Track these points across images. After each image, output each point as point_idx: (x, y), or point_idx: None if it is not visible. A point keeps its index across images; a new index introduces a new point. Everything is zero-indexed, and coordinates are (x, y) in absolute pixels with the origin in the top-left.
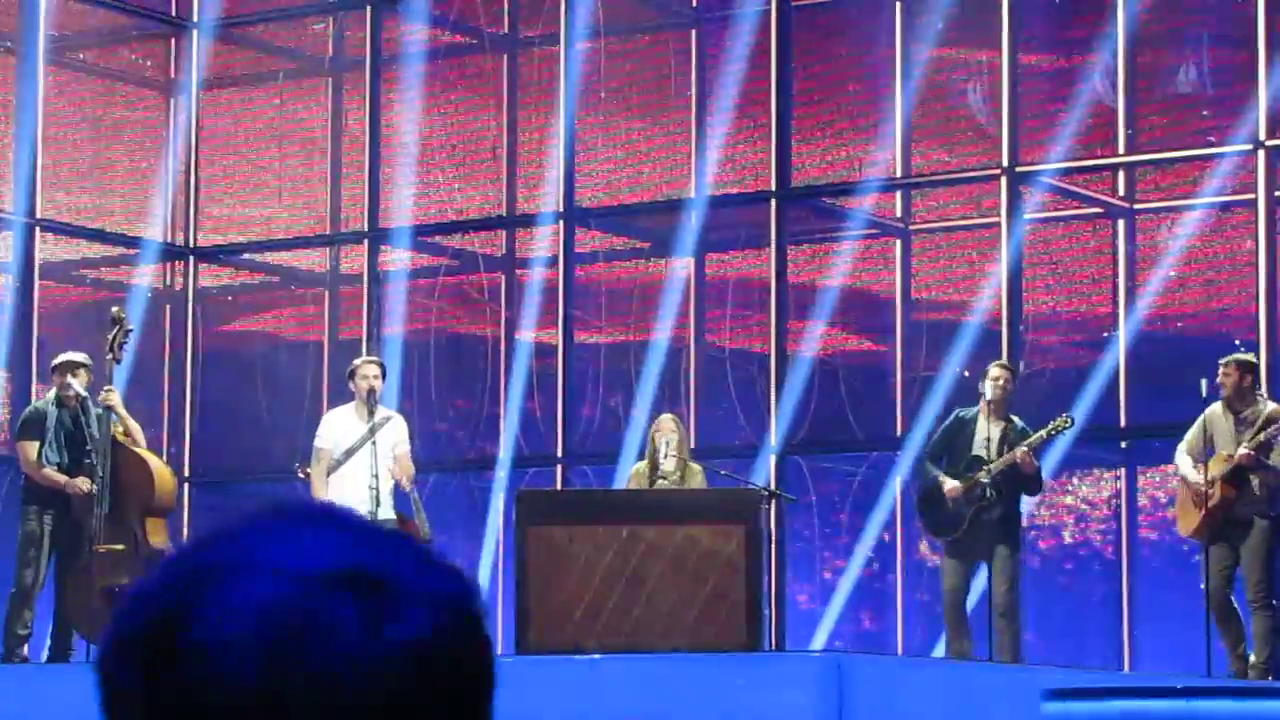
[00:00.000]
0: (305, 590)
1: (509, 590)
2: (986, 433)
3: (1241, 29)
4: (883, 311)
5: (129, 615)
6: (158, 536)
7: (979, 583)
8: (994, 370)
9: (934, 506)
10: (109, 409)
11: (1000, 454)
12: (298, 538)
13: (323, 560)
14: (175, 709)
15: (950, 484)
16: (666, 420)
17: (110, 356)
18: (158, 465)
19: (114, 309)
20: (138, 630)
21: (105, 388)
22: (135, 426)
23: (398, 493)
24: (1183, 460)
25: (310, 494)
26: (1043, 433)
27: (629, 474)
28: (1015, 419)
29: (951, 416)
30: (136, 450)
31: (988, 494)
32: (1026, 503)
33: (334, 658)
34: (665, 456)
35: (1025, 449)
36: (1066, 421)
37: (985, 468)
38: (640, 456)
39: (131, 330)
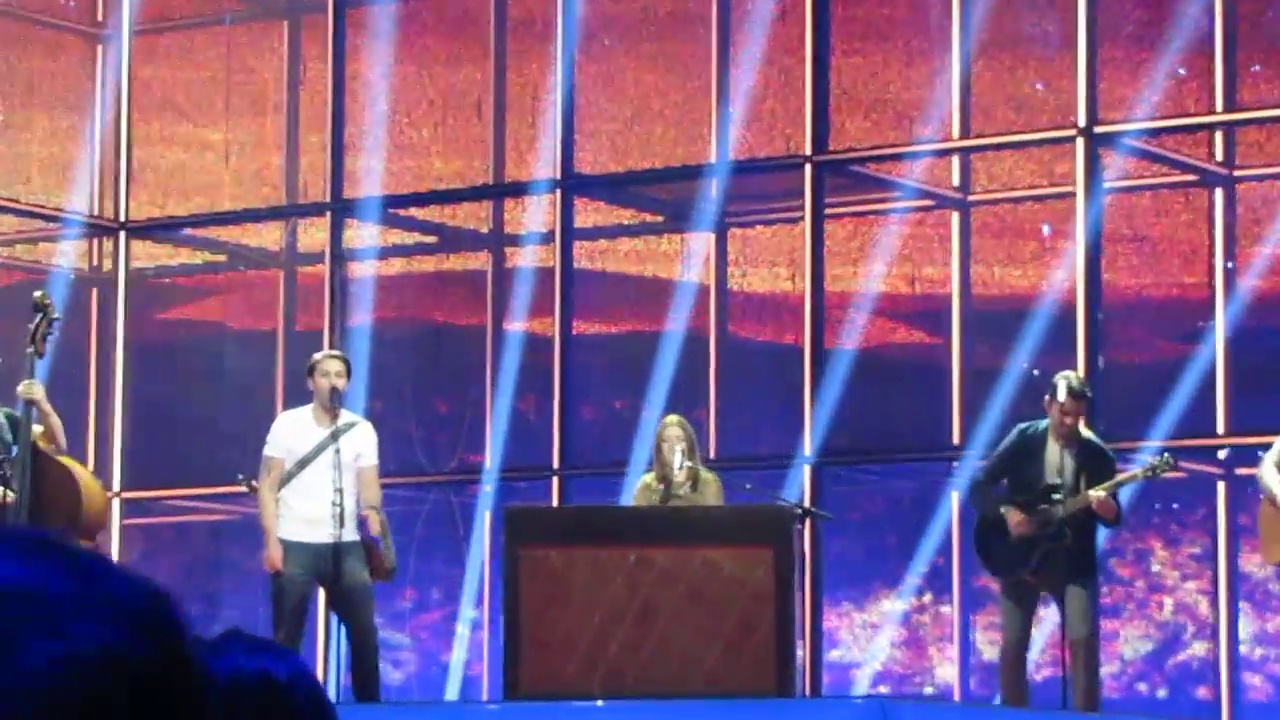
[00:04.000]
0: None
1: (495, 624)
2: (1059, 458)
3: None
4: (937, 297)
5: None
6: None
7: (1042, 626)
8: (1065, 400)
9: (995, 539)
10: (30, 404)
11: (1076, 484)
12: None
13: None
14: None
15: (1016, 517)
16: (671, 424)
17: (32, 350)
18: (85, 479)
19: (36, 294)
20: None
21: (26, 381)
22: (57, 425)
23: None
24: (1270, 475)
25: (260, 512)
26: (1135, 473)
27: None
28: (1092, 437)
29: (1015, 433)
30: (61, 461)
31: (1064, 532)
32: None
33: None
34: (680, 467)
35: (1104, 494)
36: (1165, 463)
37: (1058, 503)
38: (650, 467)
39: (57, 319)
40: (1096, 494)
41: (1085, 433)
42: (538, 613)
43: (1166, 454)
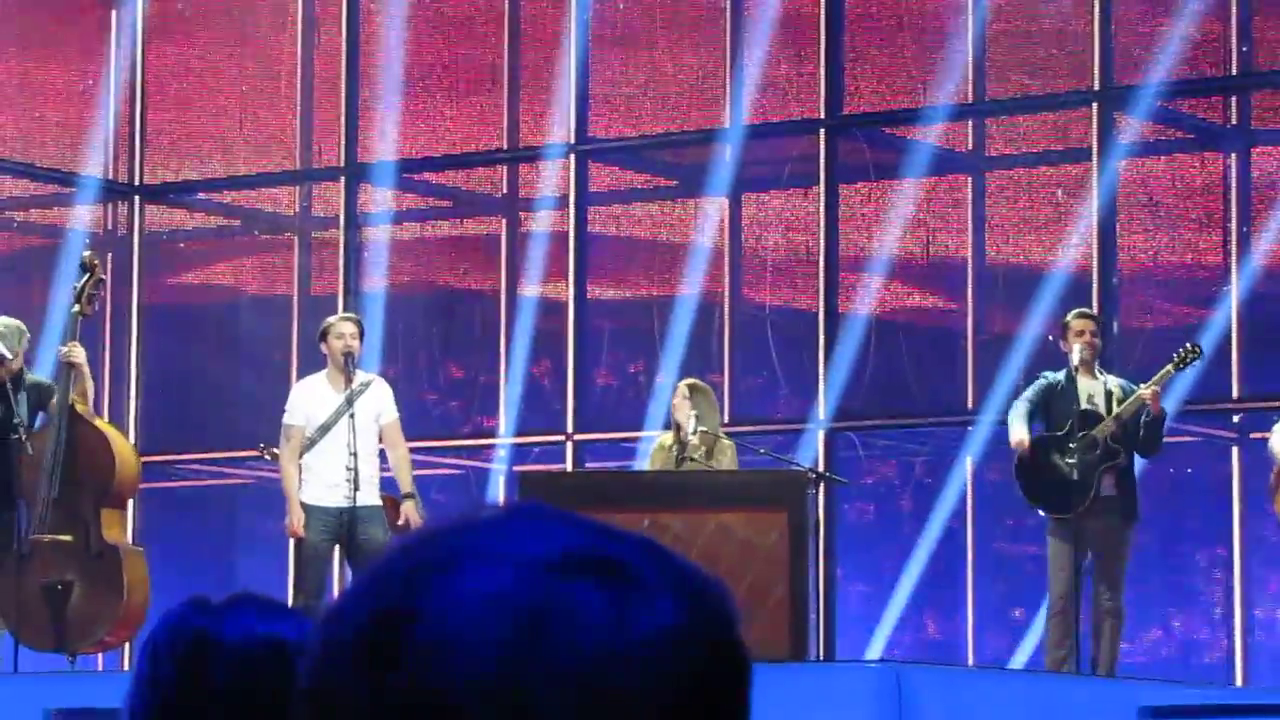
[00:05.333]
0: (541, 578)
1: None
2: (1089, 390)
3: None
4: (951, 262)
5: (341, 617)
6: (113, 530)
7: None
8: (1075, 323)
9: (1042, 474)
10: (71, 366)
11: (1108, 407)
12: (520, 527)
13: (555, 546)
14: (404, 711)
15: (1018, 436)
16: (683, 387)
17: (77, 309)
18: (120, 444)
19: (85, 253)
20: (356, 632)
21: (70, 343)
22: (90, 387)
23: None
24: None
25: (281, 478)
26: (1169, 368)
27: (651, 450)
28: (1113, 376)
29: (1039, 379)
30: (97, 425)
31: (1118, 455)
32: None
33: (580, 650)
34: (693, 431)
35: (1154, 387)
36: (1194, 351)
37: (1097, 425)
38: (668, 425)
39: (104, 280)
40: (1148, 387)
41: (1111, 375)
42: None
43: (1192, 343)
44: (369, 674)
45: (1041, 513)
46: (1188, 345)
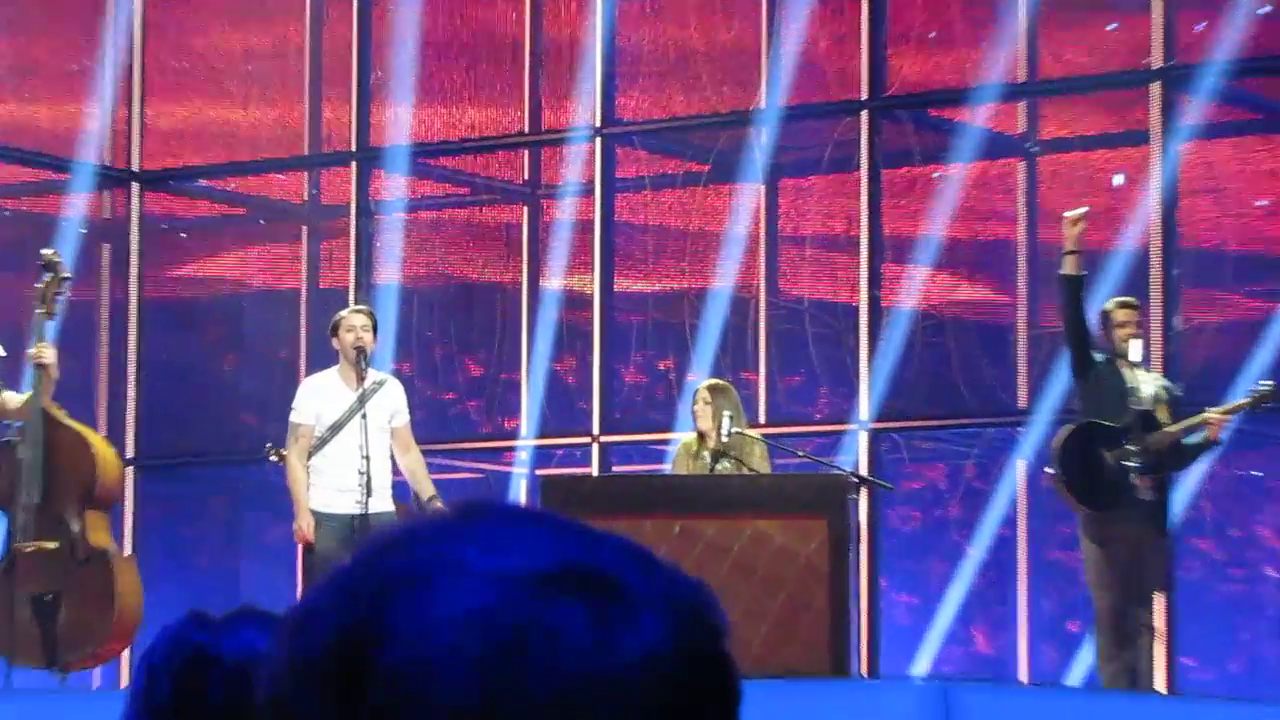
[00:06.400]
0: (521, 593)
1: None
2: (1134, 383)
3: None
4: (1002, 252)
5: (304, 634)
6: (99, 534)
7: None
8: (1119, 314)
9: (1095, 467)
10: (41, 368)
11: (1154, 407)
12: (498, 536)
13: (536, 559)
14: None
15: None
16: (701, 390)
17: (42, 310)
18: (100, 446)
19: (45, 252)
20: (321, 651)
21: (38, 344)
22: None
23: (403, 486)
24: None
25: (289, 481)
26: (1244, 402)
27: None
28: (1156, 374)
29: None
30: (74, 428)
31: (1162, 469)
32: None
33: (562, 672)
34: (729, 434)
35: (1223, 412)
36: (1269, 390)
37: (1170, 430)
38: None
39: (69, 279)
40: (1215, 411)
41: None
42: None
43: (1271, 382)
44: (335, 697)
45: (1071, 503)
46: (1267, 384)
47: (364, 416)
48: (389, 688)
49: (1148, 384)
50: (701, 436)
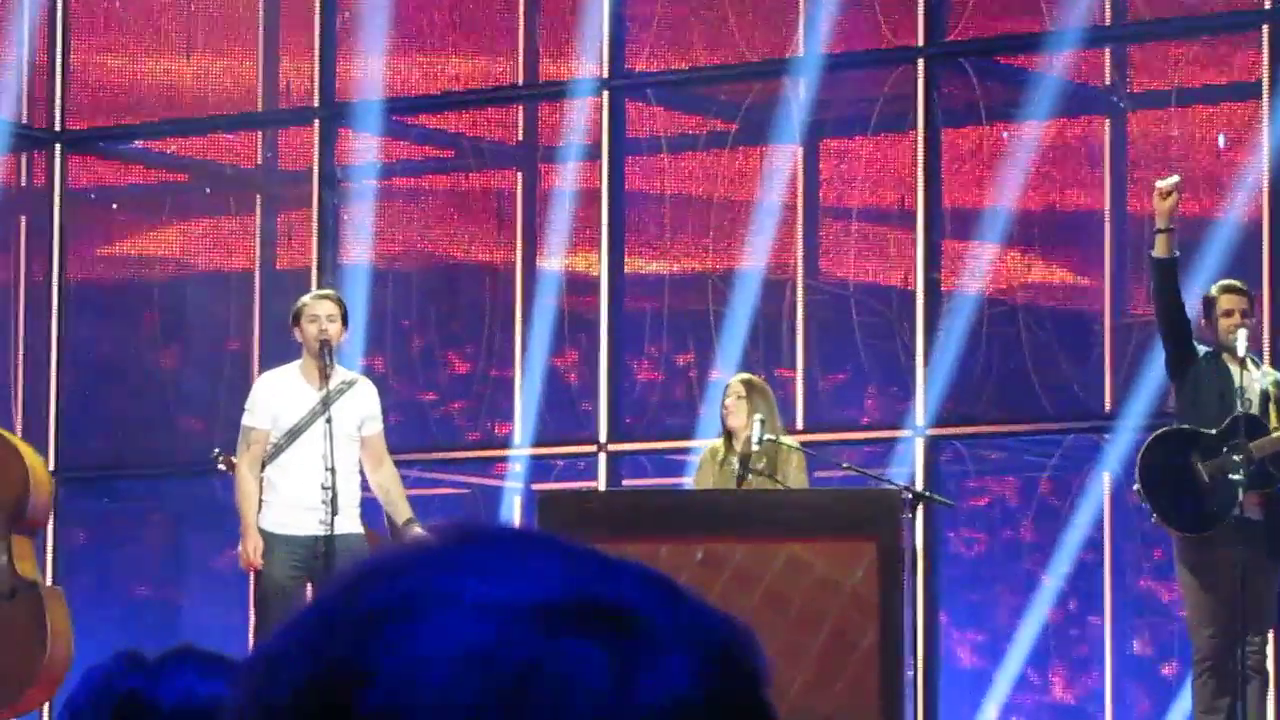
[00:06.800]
0: (524, 629)
1: None
2: (1240, 382)
3: None
4: (1084, 226)
5: (272, 677)
6: (26, 563)
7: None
8: (1224, 300)
9: (1176, 473)
10: None
11: (1265, 412)
12: (497, 562)
13: (541, 589)
14: None
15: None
16: (734, 383)
17: None
18: (33, 458)
19: None
20: (293, 698)
21: None
22: None
23: (374, 506)
24: None
25: (236, 495)
26: None
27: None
28: (1269, 367)
29: None
30: (2, 434)
31: (1272, 481)
32: None
33: None
34: (759, 442)
35: None
36: None
37: (1269, 435)
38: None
39: None
40: None
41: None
42: None
43: None
44: None
45: (1165, 527)
46: None
47: (329, 421)
48: None
49: (1256, 381)
50: (729, 438)
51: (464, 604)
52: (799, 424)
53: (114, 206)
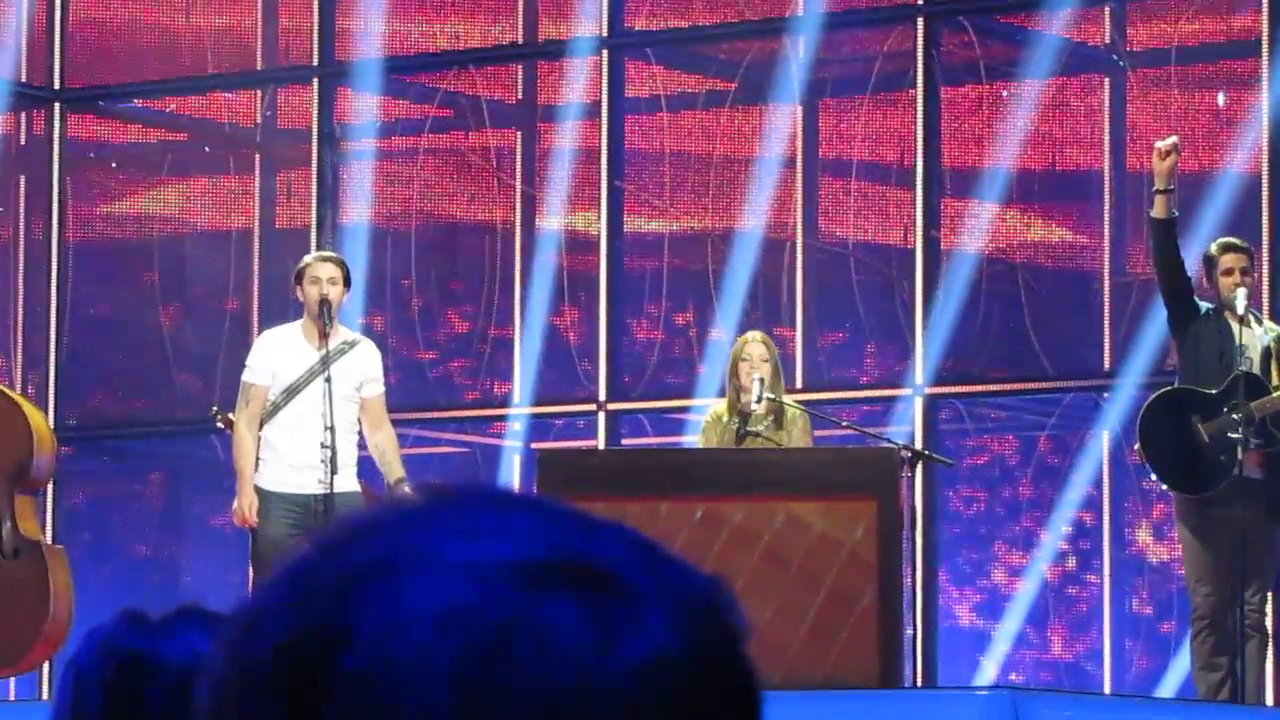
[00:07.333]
0: (504, 588)
1: None
2: (1241, 340)
3: None
4: (1083, 184)
5: (252, 636)
6: (29, 522)
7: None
8: (1224, 258)
9: (1175, 433)
10: None
11: (1266, 370)
12: (477, 522)
13: (522, 548)
14: None
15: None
16: (753, 341)
17: None
18: (36, 417)
19: None
20: (273, 656)
21: None
22: None
23: (374, 466)
24: None
25: (233, 451)
26: None
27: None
28: (1270, 323)
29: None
30: (6, 393)
31: (1274, 441)
32: None
33: (552, 679)
34: (759, 399)
35: None
36: None
37: (1270, 395)
38: (723, 394)
39: None
40: None
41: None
42: None
43: None
44: (288, 708)
45: (1165, 487)
46: None
47: (328, 381)
48: (350, 697)
49: (1257, 338)
50: (737, 394)
51: (444, 563)
52: (798, 383)
53: (113, 165)
